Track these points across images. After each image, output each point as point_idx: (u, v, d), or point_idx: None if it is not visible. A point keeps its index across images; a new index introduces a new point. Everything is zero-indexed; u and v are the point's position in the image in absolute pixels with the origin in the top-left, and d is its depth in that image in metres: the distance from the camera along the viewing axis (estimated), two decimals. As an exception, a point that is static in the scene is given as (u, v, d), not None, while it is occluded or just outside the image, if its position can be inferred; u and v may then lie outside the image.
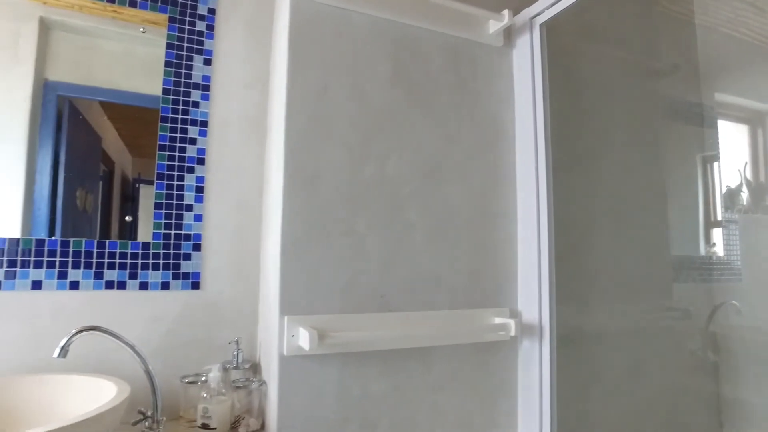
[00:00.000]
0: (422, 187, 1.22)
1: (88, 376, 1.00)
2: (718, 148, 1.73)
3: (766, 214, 1.63)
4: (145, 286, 1.19)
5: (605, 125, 1.62)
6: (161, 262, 1.21)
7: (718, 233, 1.72)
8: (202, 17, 1.31)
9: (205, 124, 1.29)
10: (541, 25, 1.32)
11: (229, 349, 1.23)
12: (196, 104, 1.28)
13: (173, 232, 1.23)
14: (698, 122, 1.77)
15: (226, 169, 1.30)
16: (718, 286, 1.68)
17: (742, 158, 1.68)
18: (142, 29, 1.25)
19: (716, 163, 1.72)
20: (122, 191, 1.22)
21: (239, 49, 1.35)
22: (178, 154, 1.25)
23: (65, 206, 1.14)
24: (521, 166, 1.35)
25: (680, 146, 1.79)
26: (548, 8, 1.29)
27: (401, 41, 1.24)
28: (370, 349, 1.11)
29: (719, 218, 1.71)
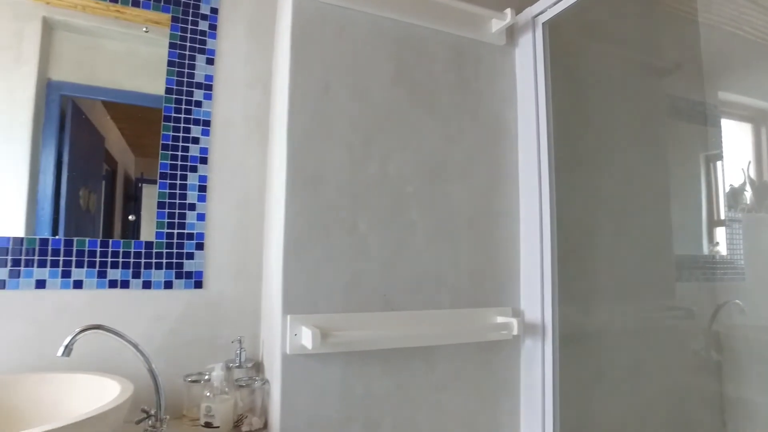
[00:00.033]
0: (424, 186, 1.22)
1: (91, 374, 1.00)
2: (721, 146, 1.72)
3: (769, 213, 1.62)
4: (148, 285, 1.19)
5: (608, 124, 1.61)
6: (164, 261, 1.21)
7: (721, 232, 1.72)
8: (204, 17, 1.31)
9: (207, 123, 1.29)
10: (543, 23, 1.32)
11: (231, 348, 1.23)
12: (198, 104, 1.28)
13: (176, 231, 1.23)
14: (701, 121, 1.76)
15: (228, 168, 1.31)
16: (721, 285, 1.67)
17: (745, 157, 1.67)
18: (144, 29, 1.25)
19: (719, 161, 1.71)
20: (125, 191, 1.22)
21: (242, 48, 1.35)
22: (180, 153, 1.26)
23: (68, 206, 1.14)
24: (524, 165, 1.35)
25: (683, 145, 1.78)
26: (551, 7, 1.28)
27: (403, 40, 1.24)
28: (372, 348, 1.11)
29: (722, 217, 1.70)
